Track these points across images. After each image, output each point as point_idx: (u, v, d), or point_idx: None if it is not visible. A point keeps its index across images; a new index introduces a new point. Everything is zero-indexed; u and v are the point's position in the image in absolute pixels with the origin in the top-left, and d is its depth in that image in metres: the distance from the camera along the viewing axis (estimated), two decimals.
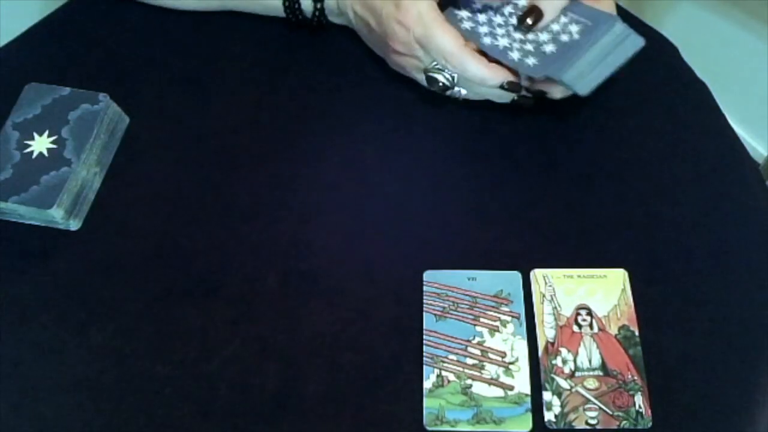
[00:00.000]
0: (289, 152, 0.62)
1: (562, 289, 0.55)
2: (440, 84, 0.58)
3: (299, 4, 0.64)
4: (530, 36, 0.58)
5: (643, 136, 0.62)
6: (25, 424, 0.51)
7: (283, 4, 0.64)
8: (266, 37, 0.68)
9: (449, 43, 0.56)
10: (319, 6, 0.64)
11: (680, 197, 0.59)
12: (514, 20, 0.59)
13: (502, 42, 0.58)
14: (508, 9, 0.60)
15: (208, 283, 0.56)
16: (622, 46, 0.55)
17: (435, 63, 0.58)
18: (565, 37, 0.56)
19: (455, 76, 0.58)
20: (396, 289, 0.55)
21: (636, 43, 0.55)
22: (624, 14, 0.63)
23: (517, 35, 0.58)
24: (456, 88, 0.59)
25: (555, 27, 0.57)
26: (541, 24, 0.58)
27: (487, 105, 0.62)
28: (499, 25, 0.59)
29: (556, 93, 0.58)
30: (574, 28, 0.56)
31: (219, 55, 0.67)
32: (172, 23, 0.69)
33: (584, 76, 0.55)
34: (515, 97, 0.59)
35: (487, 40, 0.58)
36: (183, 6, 0.68)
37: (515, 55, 0.56)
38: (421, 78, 0.61)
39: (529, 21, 0.57)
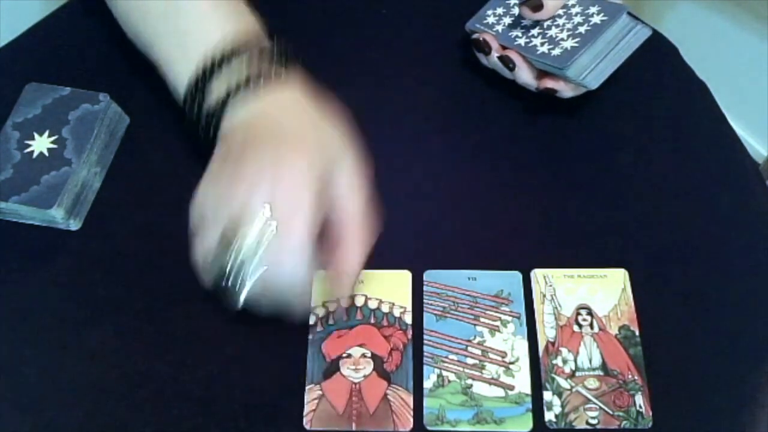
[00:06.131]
0: None
1: (562, 289, 0.55)
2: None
3: (203, 99, 0.50)
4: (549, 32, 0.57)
5: (642, 136, 0.62)
6: (26, 424, 0.51)
7: (188, 92, 0.51)
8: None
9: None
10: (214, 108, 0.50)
11: (680, 197, 0.59)
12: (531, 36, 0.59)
13: (521, 41, 0.58)
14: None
15: None
16: (629, 37, 0.55)
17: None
18: (582, 29, 0.56)
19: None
20: None
21: (643, 34, 0.55)
22: None
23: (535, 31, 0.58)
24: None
25: (567, 23, 0.57)
26: (541, 16, 0.57)
27: (487, 105, 0.62)
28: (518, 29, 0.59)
29: (567, 91, 0.58)
30: (592, 19, 0.56)
31: None
32: None
33: (591, 70, 0.55)
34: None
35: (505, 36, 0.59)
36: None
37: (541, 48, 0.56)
38: None
39: (528, 10, 0.57)
